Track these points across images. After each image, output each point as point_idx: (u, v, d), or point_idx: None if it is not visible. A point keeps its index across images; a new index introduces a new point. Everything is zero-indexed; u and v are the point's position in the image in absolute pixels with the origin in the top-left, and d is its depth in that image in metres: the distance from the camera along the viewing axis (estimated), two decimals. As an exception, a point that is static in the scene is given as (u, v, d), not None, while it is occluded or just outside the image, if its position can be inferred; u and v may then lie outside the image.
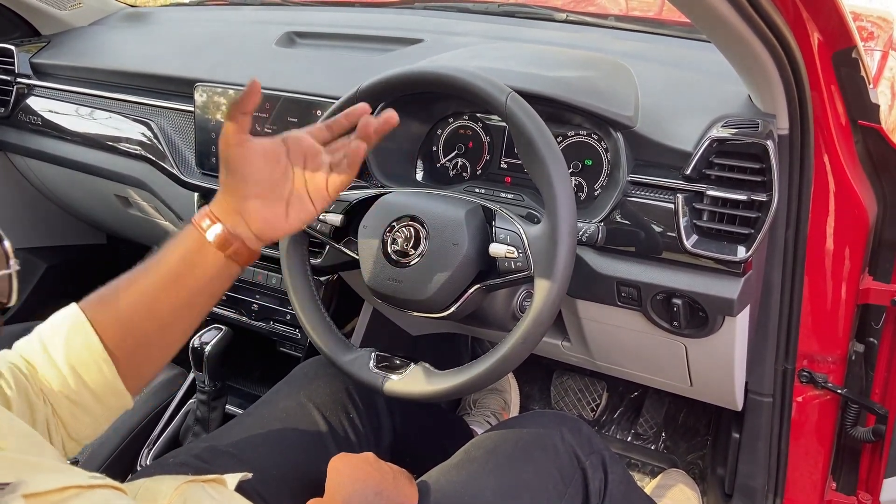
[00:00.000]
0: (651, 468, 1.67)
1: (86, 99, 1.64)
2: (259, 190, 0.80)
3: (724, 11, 0.75)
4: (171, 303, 0.79)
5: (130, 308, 0.79)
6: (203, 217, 0.80)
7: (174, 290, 0.79)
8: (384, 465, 0.90)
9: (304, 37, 1.53)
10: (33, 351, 0.77)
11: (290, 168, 0.82)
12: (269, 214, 0.81)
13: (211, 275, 0.80)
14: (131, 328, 0.79)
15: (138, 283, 0.80)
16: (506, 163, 1.18)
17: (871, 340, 1.12)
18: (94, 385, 0.77)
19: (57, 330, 0.77)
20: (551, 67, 1.10)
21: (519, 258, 0.88)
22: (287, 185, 0.81)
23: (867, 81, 0.92)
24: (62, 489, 0.50)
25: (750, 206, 0.92)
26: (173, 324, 0.82)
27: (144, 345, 0.81)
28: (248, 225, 0.80)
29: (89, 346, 0.77)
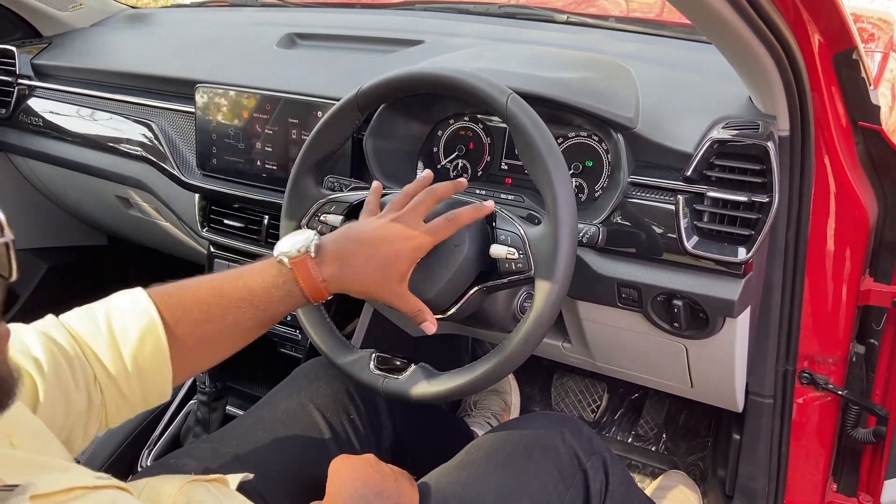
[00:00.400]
0: (651, 469, 1.67)
1: (87, 100, 1.65)
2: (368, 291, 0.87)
3: (725, 13, 0.75)
4: (238, 321, 0.82)
5: (199, 317, 0.80)
6: (308, 274, 0.83)
7: (247, 314, 0.82)
8: (385, 466, 0.90)
9: (305, 38, 1.53)
10: (97, 335, 0.76)
11: None
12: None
13: (287, 310, 0.85)
14: (192, 338, 0.80)
15: (211, 300, 0.81)
16: (506, 164, 1.18)
17: (872, 342, 1.12)
18: (150, 385, 0.78)
19: (129, 323, 0.76)
20: (552, 69, 1.11)
21: (519, 259, 0.88)
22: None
23: (868, 83, 0.92)
24: (68, 490, 0.51)
25: (750, 207, 0.92)
26: (230, 343, 0.85)
27: (196, 358, 0.83)
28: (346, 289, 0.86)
29: (159, 352, 0.77)
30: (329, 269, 0.84)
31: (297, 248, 0.83)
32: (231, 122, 1.34)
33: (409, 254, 0.85)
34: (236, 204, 1.40)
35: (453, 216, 0.87)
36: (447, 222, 0.87)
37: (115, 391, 0.77)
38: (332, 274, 0.84)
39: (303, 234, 0.85)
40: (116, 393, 0.77)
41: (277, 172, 1.31)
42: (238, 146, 1.34)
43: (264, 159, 1.32)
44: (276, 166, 1.31)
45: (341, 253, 0.84)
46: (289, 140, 1.28)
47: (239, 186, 1.36)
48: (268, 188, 1.33)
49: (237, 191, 1.36)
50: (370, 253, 0.84)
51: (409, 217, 0.87)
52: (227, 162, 1.37)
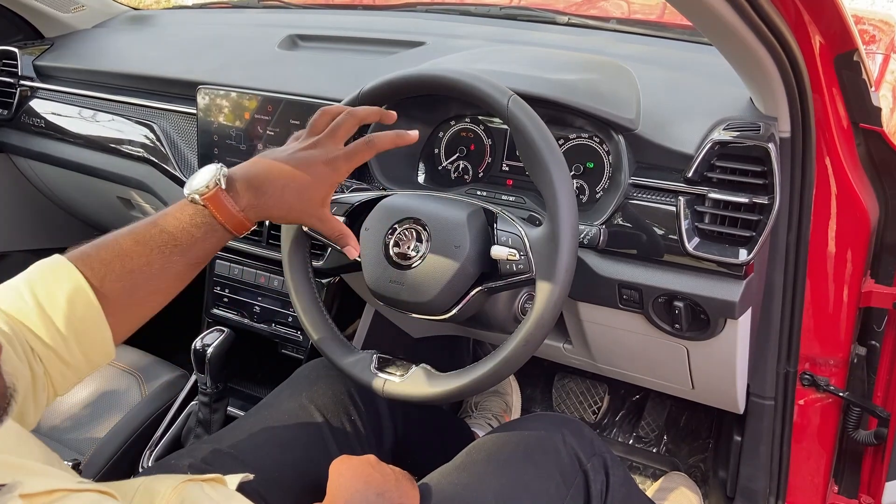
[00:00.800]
0: (653, 471, 1.67)
1: (89, 101, 1.65)
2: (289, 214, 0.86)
3: (726, 14, 0.75)
4: (165, 266, 0.80)
5: (123, 269, 0.77)
6: (223, 206, 0.81)
7: (173, 258, 0.80)
8: (386, 467, 0.90)
9: (307, 39, 1.53)
10: (26, 310, 0.74)
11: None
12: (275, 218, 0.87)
13: (214, 246, 0.83)
14: (121, 291, 0.77)
15: (139, 245, 0.79)
16: (507, 165, 1.18)
17: (873, 343, 1.12)
18: (91, 347, 0.76)
19: (54, 289, 0.75)
20: (553, 70, 1.11)
21: (520, 260, 0.88)
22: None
23: (869, 84, 0.92)
24: (51, 491, 0.51)
25: (751, 208, 0.92)
26: (164, 291, 0.82)
27: (132, 311, 0.80)
28: (254, 212, 0.83)
29: (91, 312, 0.75)
30: (245, 198, 0.82)
31: (205, 183, 0.80)
32: (232, 124, 1.34)
33: (326, 177, 0.85)
34: (238, 205, 1.40)
35: (371, 139, 0.87)
36: (365, 145, 0.87)
37: (55, 360, 0.75)
38: (249, 203, 0.82)
39: (209, 168, 0.82)
40: (58, 361, 0.75)
41: (279, 174, 1.31)
42: (239, 147, 1.34)
43: (266, 160, 1.32)
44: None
45: (256, 181, 0.83)
46: (290, 141, 1.28)
47: (240, 188, 1.36)
48: (269, 189, 1.33)
49: (239, 192, 1.36)
50: (287, 179, 0.83)
51: (327, 140, 0.86)
52: (228, 163, 1.35)
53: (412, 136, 0.90)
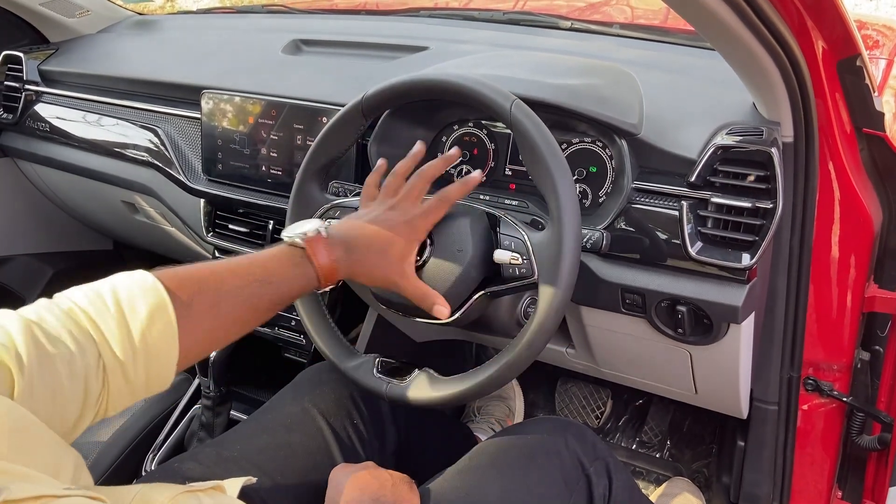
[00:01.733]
0: (656, 476, 1.66)
1: (93, 106, 1.66)
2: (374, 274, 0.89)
3: (729, 19, 0.75)
4: (251, 304, 0.81)
5: (210, 299, 0.77)
6: (321, 253, 0.84)
7: (262, 291, 0.81)
8: (384, 472, 0.90)
9: (311, 44, 1.54)
10: (106, 315, 0.71)
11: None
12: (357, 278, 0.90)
13: (302, 290, 0.85)
14: (205, 316, 0.77)
15: (236, 276, 0.80)
16: (510, 170, 1.18)
17: (877, 349, 1.12)
18: (155, 369, 0.74)
19: (137, 300, 0.72)
20: (556, 75, 1.11)
21: (523, 265, 0.88)
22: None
23: (872, 89, 0.92)
24: (36, 497, 0.50)
25: (754, 213, 0.92)
26: (242, 322, 0.82)
27: (206, 339, 0.79)
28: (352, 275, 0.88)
29: (168, 333, 0.73)
30: (337, 252, 0.85)
31: (309, 229, 0.85)
32: (236, 128, 1.35)
33: (406, 237, 0.88)
34: (241, 209, 1.41)
35: (444, 195, 0.90)
36: (438, 202, 0.90)
37: (120, 375, 0.72)
38: (340, 257, 0.85)
39: (310, 221, 0.87)
40: (122, 377, 0.72)
41: (282, 178, 1.31)
42: (243, 152, 1.35)
43: (269, 165, 1.32)
44: (281, 172, 1.31)
45: (347, 239, 0.86)
46: (294, 146, 1.29)
47: (244, 192, 1.37)
48: (273, 193, 1.33)
49: (242, 196, 1.37)
50: (371, 239, 0.87)
51: (404, 203, 0.90)
52: (232, 167, 1.37)
53: (476, 179, 0.92)
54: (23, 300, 1.94)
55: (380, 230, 0.88)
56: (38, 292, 1.97)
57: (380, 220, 0.89)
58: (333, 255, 0.84)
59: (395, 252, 0.87)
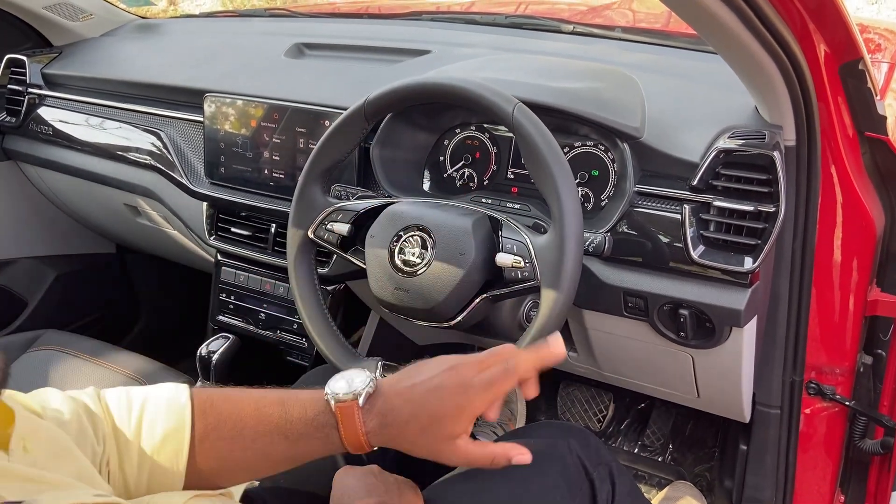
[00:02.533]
0: (658, 480, 1.66)
1: (96, 109, 1.66)
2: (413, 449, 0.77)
3: (731, 23, 0.75)
4: (267, 449, 0.75)
5: (230, 433, 0.74)
6: (349, 422, 0.74)
7: (279, 446, 0.75)
8: (389, 476, 0.90)
9: (313, 48, 1.54)
10: (125, 419, 0.73)
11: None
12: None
13: (322, 453, 0.77)
14: (215, 451, 0.74)
15: (247, 421, 0.75)
16: (513, 173, 1.18)
17: (880, 352, 1.12)
18: (157, 487, 0.73)
19: (159, 419, 0.72)
20: (558, 78, 1.11)
21: (525, 268, 0.88)
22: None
23: (874, 93, 0.92)
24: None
25: (757, 216, 0.92)
26: (250, 468, 0.78)
27: (214, 471, 0.76)
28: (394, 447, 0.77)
29: (176, 458, 0.73)
30: (373, 422, 0.74)
31: (350, 390, 0.74)
32: (239, 132, 1.35)
33: (452, 410, 0.73)
34: (244, 212, 1.41)
35: (509, 369, 0.75)
36: (504, 373, 0.75)
37: (121, 480, 0.72)
38: (373, 428, 0.74)
39: (362, 375, 0.76)
40: (121, 482, 0.72)
41: (285, 181, 1.32)
42: (246, 155, 1.35)
43: (272, 168, 1.33)
44: (284, 175, 1.31)
45: (387, 406, 0.75)
46: (296, 149, 1.29)
47: (246, 195, 1.37)
48: (275, 197, 1.34)
49: (245, 199, 1.37)
50: (415, 411, 0.74)
51: (465, 369, 0.75)
52: (234, 171, 1.37)
53: (559, 355, 0.78)
54: (25, 303, 1.95)
55: (424, 406, 0.74)
56: (41, 295, 1.97)
57: (429, 389, 0.74)
58: (364, 428, 0.74)
59: (437, 434, 0.74)
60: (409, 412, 0.74)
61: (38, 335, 1.57)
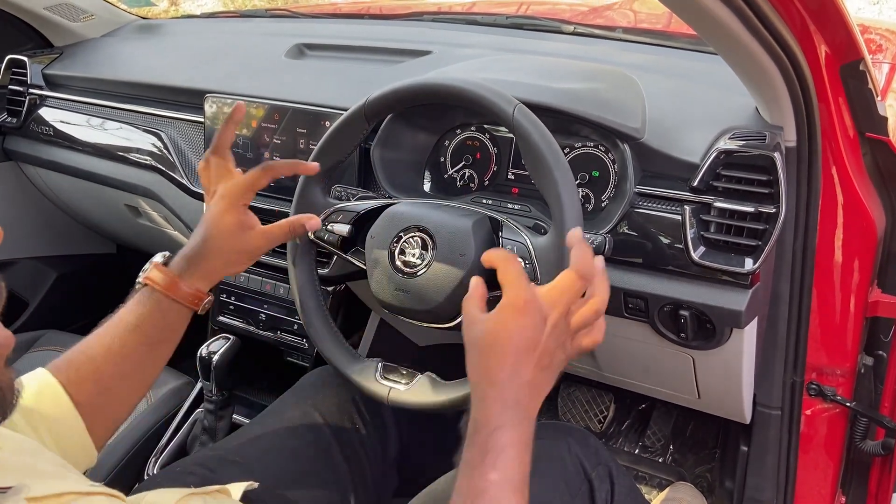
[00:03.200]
0: (659, 481, 1.66)
1: (97, 109, 1.66)
2: (230, 259, 0.92)
3: (732, 24, 0.75)
4: (131, 351, 0.84)
5: (95, 362, 0.83)
6: (156, 276, 0.86)
7: (134, 339, 0.84)
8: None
9: (314, 48, 1.54)
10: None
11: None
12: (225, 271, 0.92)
13: (165, 320, 0.87)
14: (97, 381, 0.82)
15: (100, 339, 0.84)
16: (513, 174, 1.18)
17: (881, 353, 1.12)
18: (72, 451, 0.79)
19: (36, 402, 0.79)
20: (559, 79, 1.11)
21: (526, 269, 0.88)
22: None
23: (875, 94, 0.92)
24: (60, 494, 0.51)
25: (757, 217, 0.91)
26: (135, 371, 0.86)
27: (108, 395, 0.84)
28: (202, 280, 0.89)
29: (58, 402, 0.79)
30: (178, 265, 0.88)
31: (146, 267, 0.89)
32: (239, 132, 1.35)
33: (223, 205, 0.93)
34: (244, 213, 1.41)
35: (267, 165, 0.94)
36: (262, 171, 0.93)
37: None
38: (183, 270, 0.88)
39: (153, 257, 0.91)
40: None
41: (285, 181, 1.31)
42: (246, 155, 1.35)
43: (272, 169, 1.33)
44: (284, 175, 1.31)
45: (184, 250, 0.90)
46: (297, 149, 1.29)
47: (247, 195, 1.37)
48: (275, 197, 1.33)
49: (245, 200, 1.37)
50: (200, 234, 0.90)
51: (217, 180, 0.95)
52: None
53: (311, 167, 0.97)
54: (26, 303, 1.95)
55: (203, 224, 0.90)
56: (42, 295, 1.98)
57: (210, 218, 0.91)
58: (173, 273, 0.87)
59: (228, 234, 0.90)
60: (198, 238, 0.89)
61: (38, 336, 1.58)
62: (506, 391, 0.69)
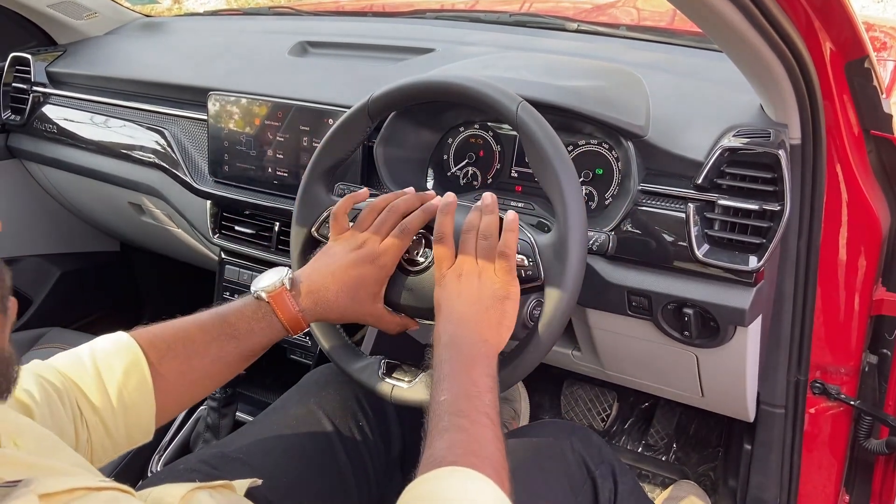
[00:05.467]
0: (662, 479, 1.66)
1: (100, 107, 1.66)
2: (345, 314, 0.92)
3: (736, 22, 0.75)
4: (227, 354, 0.86)
5: (182, 352, 0.84)
6: (285, 306, 0.87)
7: (229, 347, 0.86)
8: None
9: (317, 46, 1.54)
10: (83, 374, 0.79)
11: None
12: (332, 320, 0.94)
13: (268, 342, 0.89)
14: (176, 372, 0.83)
15: (203, 329, 0.85)
16: (516, 172, 1.18)
17: (885, 352, 1.11)
18: (134, 421, 0.81)
19: (113, 360, 0.80)
20: (562, 77, 1.11)
21: (529, 267, 0.87)
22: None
23: (880, 91, 0.92)
24: (71, 490, 0.51)
25: (762, 215, 0.91)
26: (213, 376, 0.88)
27: (181, 392, 0.85)
28: (313, 316, 0.90)
29: (143, 388, 0.81)
30: (305, 302, 0.88)
31: (272, 283, 0.87)
32: (243, 130, 1.35)
33: (373, 275, 0.90)
34: (247, 210, 1.41)
35: (405, 226, 0.90)
36: (401, 233, 0.90)
37: (100, 427, 0.80)
38: (307, 306, 0.88)
39: (277, 271, 0.90)
40: (102, 429, 0.80)
41: (288, 179, 1.32)
42: (250, 153, 1.35)
43: (275, 166, 1.33)
44: (288, 173, 1.32)
45: (314, 287, 0.89)
46: (300, 147, 1.29)
47: (250, 193, 1.37)
48: (279, 195, 1.34)
49: (248, 197, 1.37)
50: (339, 285, 0.89)
51: (371, 242, 0.91)
52: (238, 169, 1.37)
53: (434, 205, 0.92)
54: (30, 301, 1.95)
55: (346, 275, 0.89)
56: (46, 292, 1.98)
57: (346, 264, 0.90)
58: (299, 307, 0.88)
59: (365, 294, 0.90)
60: (335, 288, 0.88)
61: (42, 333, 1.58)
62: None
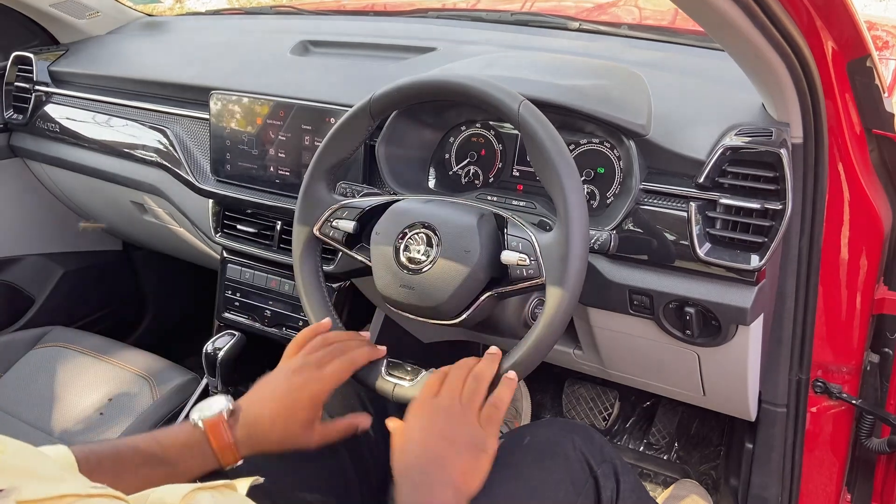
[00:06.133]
0: (663, 478, 1.66)
1: (103, 106, 1.66)
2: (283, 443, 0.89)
3: (738, 20, 0.75)
4: (149, 477, 0.82)
5: (111, 469, 0.81)
6: (219, 436, 0.86)
7: (159, 471, 0.83)
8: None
9: (319, 45, 1.54)
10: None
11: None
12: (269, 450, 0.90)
13: (200, 471, 0.86)
14: (108, 476, 0.80)
15: (126, 455, 0.83)
16: (518, 170, 1.18)
17: (887, 351, 1.11)
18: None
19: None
20: (564, 76, 1.11)
21: (531, 266, 0.88)
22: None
23: (882, 90, 0.92)
24: (59, 497, 0.50)
25: (763, 214, 0.91)
26: (143, 486, 0.84)
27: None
28: (247, 449, 0.88)
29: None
30: (241, 432, 0.87)
31: (212, 411, 0.87)
32: (245, 129, 1.35)
33: (306, 403, 0.88)
34: (249, 210, 1.41)
35: (349, 360, 0.92)
36: (341, 364, 0.91)
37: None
38: (242, 438, 0.87)
39: (219, 399, 0.89)
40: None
41: (290, 178, 1.32)
42: (252, 152, 1.35)
43: (277, 165, 1.33)
44: (289, 172, 1.32)
45: (249, 418, 0.88)
46: (302, 146, 1.29)
47: (252, 192, 1.37)
48: (281, 194, 1.34)
49: (250, 196, 1.37)
50: (272, 420, 0.88)
51: (309, 370, 0.90)
52: (240, 168, 1.38)
53: (381, 351, 0.97)
54: (32, 300, 1.95)
55: (281, 406, 0.88)
56: (48, 292, 1.98)
57: (283, 392, 0.89)
58: (232, 438, 0.86)
59: (296, 426, 0.88)
60: (269, 417, 0.87)
61: (44, 332, 1.58)
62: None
